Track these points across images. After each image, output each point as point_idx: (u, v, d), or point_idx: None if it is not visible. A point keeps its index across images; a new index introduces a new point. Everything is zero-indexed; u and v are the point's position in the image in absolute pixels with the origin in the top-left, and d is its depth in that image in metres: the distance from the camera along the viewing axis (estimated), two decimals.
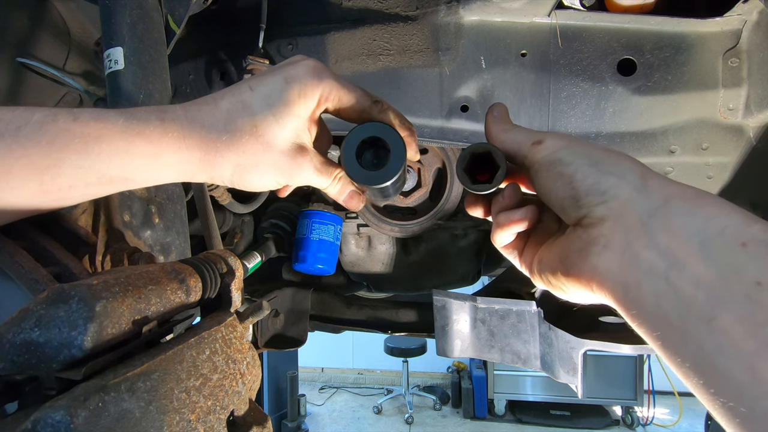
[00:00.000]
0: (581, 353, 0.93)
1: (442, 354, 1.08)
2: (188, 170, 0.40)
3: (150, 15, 0.68)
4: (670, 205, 0.33)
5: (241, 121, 0.40)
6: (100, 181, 0.38)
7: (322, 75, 0.42)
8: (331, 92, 0.42)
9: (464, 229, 1.21)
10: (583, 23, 0.87)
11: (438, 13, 0.88)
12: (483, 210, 0.48)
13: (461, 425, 4.68)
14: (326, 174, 0.45)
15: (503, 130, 0.44)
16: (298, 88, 0.41)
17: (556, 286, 0.41)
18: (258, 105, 0.40)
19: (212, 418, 0.32)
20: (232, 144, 0.40)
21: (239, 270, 0.44)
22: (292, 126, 0.41)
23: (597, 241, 0.36)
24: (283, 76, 0.41)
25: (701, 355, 0.29)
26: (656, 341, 0.33)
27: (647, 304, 0.32)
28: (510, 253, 0.48)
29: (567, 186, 0.38)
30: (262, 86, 0.41)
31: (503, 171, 0.43)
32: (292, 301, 1.19)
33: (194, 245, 0.74)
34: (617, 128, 0.90)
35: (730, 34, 0.84)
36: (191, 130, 0.39)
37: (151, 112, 0.39)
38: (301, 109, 0.41)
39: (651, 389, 4.41)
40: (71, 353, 0.26)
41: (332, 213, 1.18)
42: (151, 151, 0.38)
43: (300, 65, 0.42)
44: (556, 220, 0.44)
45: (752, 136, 0.87)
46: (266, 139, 0.41)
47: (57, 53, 1.05)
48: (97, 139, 0.36)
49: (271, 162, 0.42)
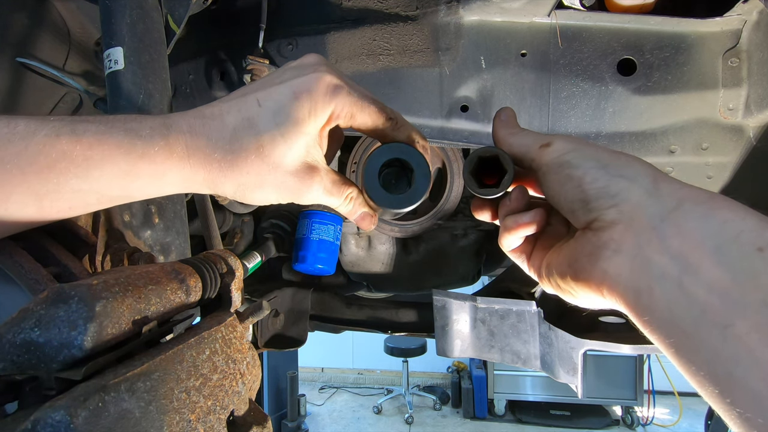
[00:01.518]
0: (581, 353, 0.93)
1: (442, 354, 1.08)
2: (191, 187, 0.39)
3: (150, 15, 0.68)
4: (682, 209, 0.32)
5: (246, 140, 0.38)
6: (100, 201, 0.37)
7: (336, 91, 0.39)
8: (343, 109, 0.40)
9: (464, 229, 1.21)
10: (583, 23, 0.87)
11: (438, 13, 0.88)
12: (490, 214, 0.47)
13: (461, 425, 4.68)
14: (337, 194, 0.43)
15: (511, 133, 0.44)
16: (308, 106, 0.38)
17: (566, 291, 0.40)
18: (264, 123, 0.38)
19: (212, 418, 0.32)
20: (236, 164, 0.38)
21: (239, 270, 0.44)
22: (301, 144, 0.39)
23: (607, 246, 0.35)
24: (292, 90, 0.38)
25: (716, 364, 0.29)
26: (670, 348, 0.32)
27: (660, 310, 0.32)
28: (518, 257, 0.47)
29: (576, 189, 0.37)
30: (270, 101, 0.38)
31: (510, 175, 0.42)
32: (292, 301, 1.19)
33: (194, 245, 0.74)
34: (617, 128, 0.90)
35: (730, 34, 0.84)
36: (196, 148, 0.37)
37: (155, 129, 0.37)
38: (311, 127, 0.39)
39: (651, 389, 4.41)
40: (71, 353, 0.26)
41: (332, 213, 1.18)
42: (154, 171, 0.36)
43: (312, 77, 0.39)
44: (564, 224, 0.44)
45: (752, 136, 0.87)
46: (272, 160, 0.38)
47: (57, 53, 1.05)
48: (100, 162, 0.35)
49: (277, 183, 0.39)
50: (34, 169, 0.33)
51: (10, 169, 0.32)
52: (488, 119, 0.91)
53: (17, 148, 0.33)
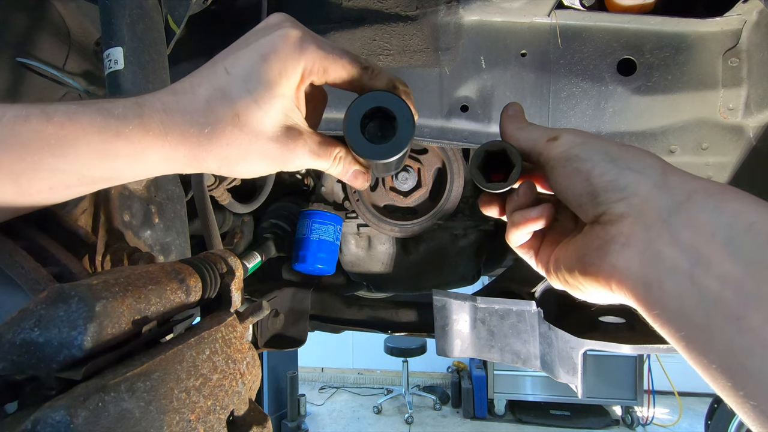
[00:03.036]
0: (581, 353, 0.93)
1: (442, 354, 1.08)
2: (174, 166, 0.38)
3: (150, 15, 0.68)
4: (693, 201, 0.32)
5: (221, 111, 0.36)
6: (81, 182, 0.37)
7: (303, 45, 0.37)
8: (314, 64, 0.38)
9: (464, 229, 1.21)
10: (583, 23, 0.87)
11: (438, 13, 0.88)
12: (498, 209, 0.47)
13: (461, 425, 4.68)
14: (325, 156, 0.41)
15: (518, 128, 0.43)
16: (277, 66, 0.36)
17: (574, 286, 0.40)
18: (237, 91, 0.36)
19: (212, 418, 0.32)
20: (215, 137, 0.36)
21: (239, 270, 0.44)
22: (277, 108, 0.37)
23: (616, 239, 0.35)
24: (259, 53, 0.36)
25: (730, 356, 0.28)
26: (681, 342, 0.31)
27: (670, 303, 0.31)
28: (526, 252, 0.46)
29: (584, 182, 0.37)
30: (238, 67, 0.37)
31: (518, 169, 0.42)
32: (292, 301, 1.19)
33: (194, 245, 0.74)
34: (617, 128, 0.90)
35: (730, 34, 0.84)
36: (172, 124, 0.36)
37: (128, 107, 0.36)
38: (285, 88, 0.37)
39: (651, 389, 4.41)
40: (71, 353, 0.26)
41: (332, 213, 1.18)
42: (132, 150, 0.36)
43: (276, 35, 0.37)
44: (572, 219, 0.43)
45: (752, 136, 0.87)
46: (251, 128, 0.37)
47: (57, 53, 1.05)
48: (74, 141, 0.34)
49: (260, 151, 0.38)
50: (4, 148, 0.33)
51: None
52: (488, 119, 0.91)
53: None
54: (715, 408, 3.09)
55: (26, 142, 0.33)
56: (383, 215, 1.20)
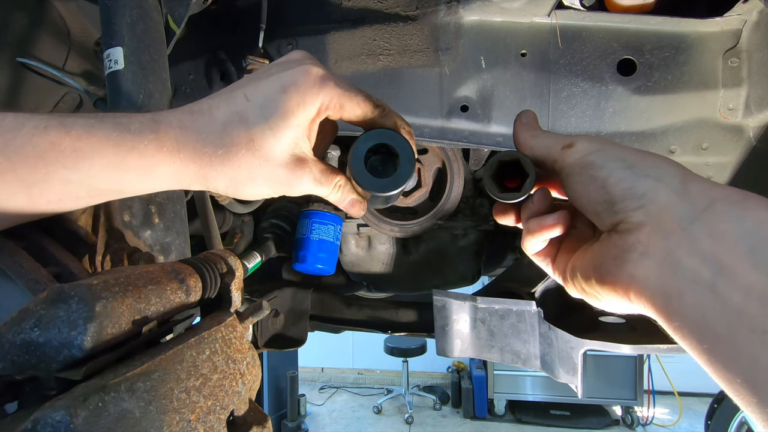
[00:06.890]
0: (581, 353, 0.93)
1: (442, 354, 1.08)
2: (182, 182, 0.39)
3: (150, 15, 0.68)
4: (714, 209, 0.31)
5: (237, 134, 0.38)
6: (90, 194, 0.37)
7: (323, 82, 0.39)
8: (332, 100, 0.40)
9: (464, 229, 1.21)
10: (583, 23, 0.87)
11: (438, 13, 0.88)
12: (513, 217, 0.46)
13: (461, 425, 4.68)
14: (326, 183, 0.43)
15: (532, 136, 0.43)
16: (296, 98, 0.38)
17: (591, 295, 0.39)
18: (254, 116, 0.38)
19: (212, 418, 0.32)
20: (227, 158, 0.38)
21: (239, 270, 0.44)
22: (290, 137, 0.39)
23: (634, 248, 0.34)
24: (280, 84, 0.39)
25: (755, 370, 0.27)
26: (703, 355, 0.30)
27: (691, 314, 0.30)
28: (542, 260, 0.46)
29: (600, 190, 0.36)
30: (258, 95, 0.39)
31: (532, 178, 0.42)
32: (292, 301, 1.19)
33: (194, 245, 0.74)
34: (617, 128, 0.90)
35: (730, 34, 0.84)
36: (186, 142, 0.38)
37: (145, 123, 0.37)
38: (300, 119, 0.39)
39: (651, 389, 4.41)
40: (71, 353, 0.26)
41: (332, 213, 1.18)
42: (144, 164, 0.37)
43: (298, 71, 0.39)
44: (589, 226, 0.43)
45: (752, 136, 0.87)
46: (263, 153, 0.39)
47: (57, 53, 1.05)
48: (89, 153, 0.35)
49: (268, 175, 0.40)
50: (20, 158, 0.34)
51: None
52: (488, 119, 0.91)
53: (4, 139, 0.34)
54: (715, 408, 3.10)
55: (42, 153, 0.34)
56: (383, 215, 1.20)
